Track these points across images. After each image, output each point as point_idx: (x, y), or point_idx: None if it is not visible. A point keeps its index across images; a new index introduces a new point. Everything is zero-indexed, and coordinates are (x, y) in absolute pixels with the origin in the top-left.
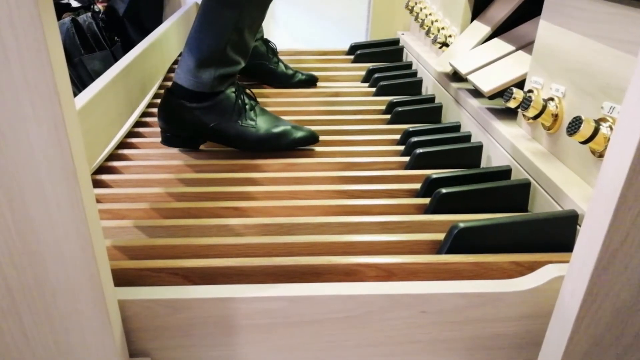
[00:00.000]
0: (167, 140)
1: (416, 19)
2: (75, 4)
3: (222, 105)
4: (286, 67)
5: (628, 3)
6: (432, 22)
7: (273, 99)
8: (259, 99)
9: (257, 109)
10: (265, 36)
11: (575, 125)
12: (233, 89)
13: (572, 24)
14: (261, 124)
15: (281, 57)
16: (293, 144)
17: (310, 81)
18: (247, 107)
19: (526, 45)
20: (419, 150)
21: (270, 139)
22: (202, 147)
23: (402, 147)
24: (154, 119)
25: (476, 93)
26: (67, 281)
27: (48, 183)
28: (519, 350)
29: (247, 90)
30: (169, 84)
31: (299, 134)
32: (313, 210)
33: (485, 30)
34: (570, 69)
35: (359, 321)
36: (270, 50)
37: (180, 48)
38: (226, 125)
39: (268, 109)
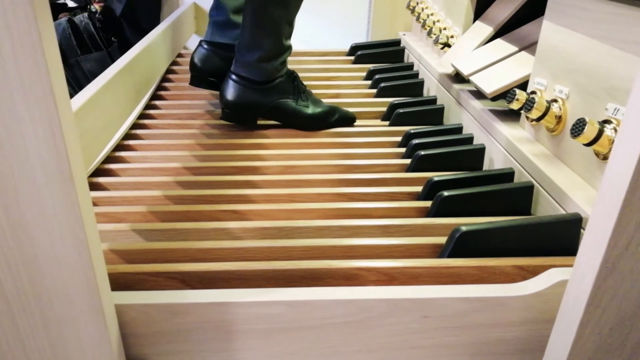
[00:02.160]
0: (228, 117)
1: (418, 19)
2: (71, 4)
3: (281, 86)
4: None
5: (633, 3)
6: (434, 23)
7: None
8: None
9: (307, 92)
10: None
11: (579, 127)
12: (289, 72)
13: (576, 25)
14: (312, 104)
15: None
16: (335, 124)
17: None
18: (301, 89)
19: (529, 46)
20: (421, 153)
21: (321, 116)
22: (200, 147)
23: (403, 149)
24: (152, 121)
25: (478, 94)
26: (63, 285)
27: (44, 186)
28: (522, 355)
29: (296, 75)
30: (167, 84)
31: (340, 114)
32: (313, 213)
33: (488, 30)
34: (574, 70)
35: (359, 326)
36: None
37: (178, 48)
38: (284, 104)
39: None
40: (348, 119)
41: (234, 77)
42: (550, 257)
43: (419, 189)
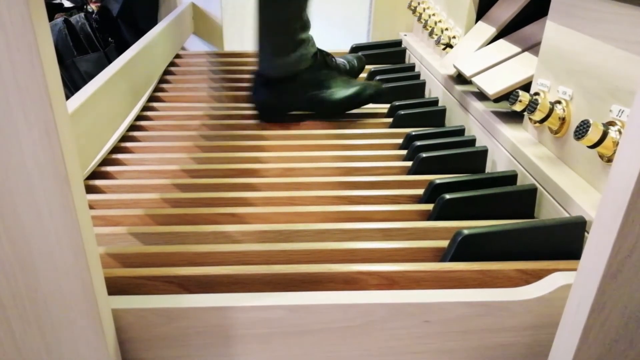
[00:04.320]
0: (259, 116)
1: (419, 19)
2: (67, 4)
3: (305, 78)
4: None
5: (637, 3)
6: (436, 23)
7: None
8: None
9: (337, 77)
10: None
11: (583, 129)
12: (314, 62)
13: (580, 25)
14: (341, 88)
15: None
16: (369, 101)
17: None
18: (327, 76)
19: (532, 47)
20: (423, 155)
21: (351, 99)
22: (199, 149)
23: (404, 152)
24: (150, 123)
25: (481, 96)
26: (59, 290)
27: (39, 189)
28: None
29: (327, 59)
30: (165, 85)
31: (370, 90)
32: (312, 216)
33: (491, 31)
34: (578, 71)
35: (360, 331)
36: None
37: (176, 49)
38: (311, 95)
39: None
40: (380, 94)
41: (257, 77)
42: (554, 261)
43: (421, 191)
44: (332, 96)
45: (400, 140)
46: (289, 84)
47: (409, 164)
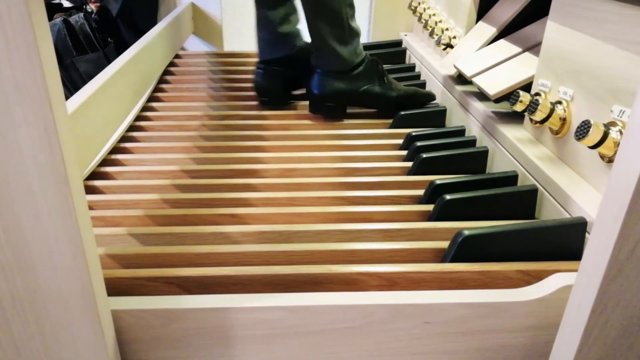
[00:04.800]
0: (316, 109)
1: (419, 19)
2: (67, 4)
3: (365, 73)
4: None
5: (638, 3)
6: (436, 23)
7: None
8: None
9: (387, 75)
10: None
11: (583, 129)
12: (369, 57)
13: (580, 25)
14: (396, 86)
15: None
16: (424, 101)
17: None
18: (384, 72)
19: (533, 47)
20: (423, 155)
21: (406, 98)
22: (198, 150)
23: (404, 152)
24: (149, 123)
25: (481, 96)
26: (58, 291)
27: (38, 189)
28: None
29: (375, 58)
30: (165, 86)
31: (421, 93)
32: (313, 217)
33: (491, 31)
34: (579, 71)
35: (360, 332)
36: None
37: (175, 49)
38: (372, 88)
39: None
40: (428, 97)
41: (316, 69)
42: (555, 261)
43: (421, 192)
44: (391, 93)
45: (400, 141)
46: (352, 77)
47: (410, 164)
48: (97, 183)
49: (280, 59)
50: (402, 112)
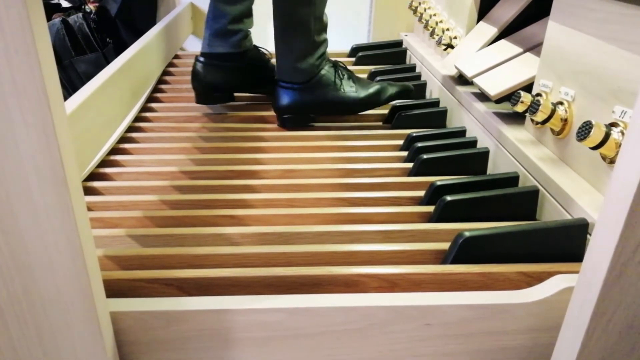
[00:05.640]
0: (284, 122)
1: (420, 19)
2: (65, 4)
3: (323, 80)
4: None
5: None
6: (437, 23)
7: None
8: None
9: (353, 77)
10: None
11: (585, 130)
12: (330, 64)
13: (582, 25)
14: (359, 89)
15: None
16: (389, 99)
17: None
18: (345, 76)
19: (534, 47)
20: (423, 156)
21: (371, 98)
22: (198, 151)
23: (405, 153)
24: (148, 124)
25: (482, 97)
26: (57, 292)
27: (37, 190)
28: None
29: (340, 63)
30: (164, 86)
31: (393, 89)
32: (312, 218)
33: (492, 31)
34: (580, 71)
35: (360, 334)
36: (264, 56)
37: (175, 50)
38: (332, 96)
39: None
40: (404, 92)
41: (279, 82)
42: (556, 263)
43: (422, 193)
44: (354, 95)
45: (401, 142)
46: (311, 86)
47: (410, 165)
48: (96, 184)
49: (223, 54)
50: (403, 113)
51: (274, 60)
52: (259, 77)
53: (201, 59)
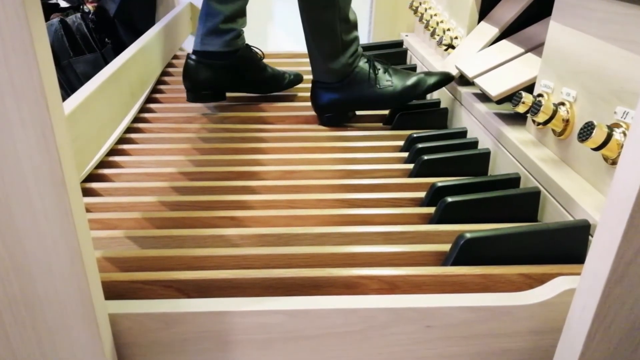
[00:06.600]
0: (325, 120)
1: (421, 19)
2: (64, 4)
3: (358, 78)
4: (273, 69)
5: None
6: (438, 23)
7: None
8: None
9: (390, 70)
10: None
11: (587, 131)
12: (364, 60)
13: (583, 25)
14: (397, 82)
15: (280, 59)
16: (429, 89)
17: (297, 80)
18: (380, 70)
19: (536, 48)
20: (424, 157)
21: (408, 90)
22: (197, 152)
23: (406, 154)
24: (147, 125)
25: (483, 97)
26: (55, 294)
27: (35, 192)
28: None
29: (375, 58)
30: (163, 87)
31: (432, 79)
32: (312, 220)
33: (493, 31)
34: (582, 72)
35: (360, 336)
36: (256, 56)
37: (174, 50)
38: (368, 92)
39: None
40: (444, 80)
41: (317, 82)
42: (557, 264)
43: (422, 194)
44: (391, 90)
45: (401, 142)
46: (346, 85)
47: (411, 166)
48: (95, 185)
49: (215, 53)
50: (403, 113)
51: (266, 60)
52: (250, 76)
53: (193, 56)
